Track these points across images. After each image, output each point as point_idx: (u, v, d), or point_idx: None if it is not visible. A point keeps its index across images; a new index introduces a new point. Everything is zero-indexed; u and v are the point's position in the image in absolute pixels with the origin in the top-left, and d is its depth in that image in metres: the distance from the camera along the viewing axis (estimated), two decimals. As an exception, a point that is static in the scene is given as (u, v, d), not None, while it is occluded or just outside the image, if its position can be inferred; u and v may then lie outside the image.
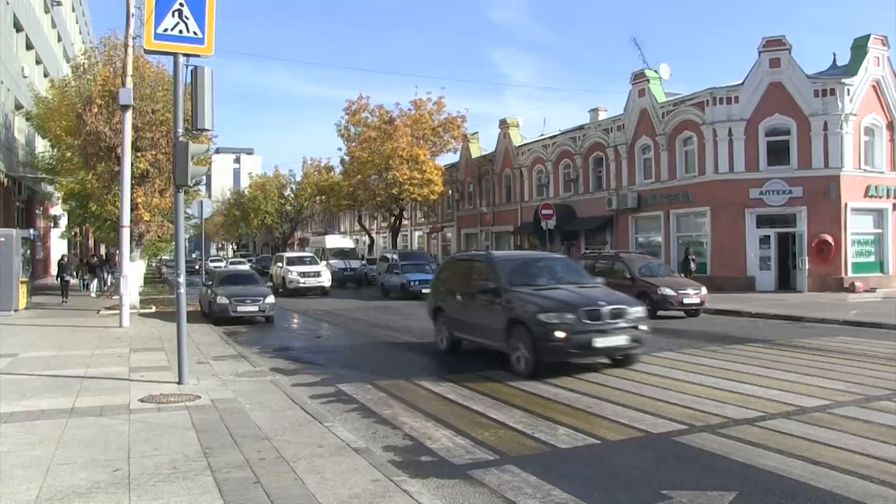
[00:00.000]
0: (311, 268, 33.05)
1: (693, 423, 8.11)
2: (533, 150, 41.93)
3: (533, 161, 41.81)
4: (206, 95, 10.31)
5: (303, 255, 35.52)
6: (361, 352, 15.42)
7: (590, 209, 36.29)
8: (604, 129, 36.20)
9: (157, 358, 13.14)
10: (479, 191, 47.93)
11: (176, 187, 10.71)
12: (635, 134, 33.95)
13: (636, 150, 33.96)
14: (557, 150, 39.57)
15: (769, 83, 28.99)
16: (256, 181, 77.22)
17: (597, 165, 36.95)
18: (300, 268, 32.78)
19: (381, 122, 44.57)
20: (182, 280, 10.64)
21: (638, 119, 33.69)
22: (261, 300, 20.56)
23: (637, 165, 33.95)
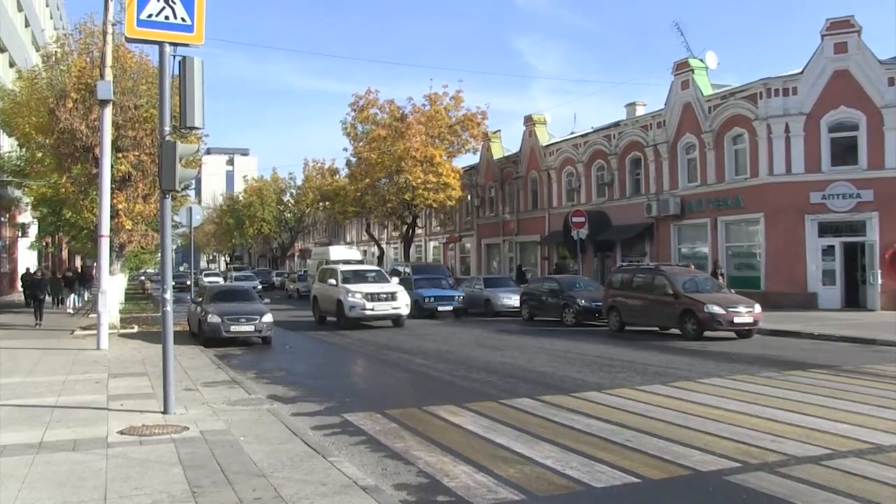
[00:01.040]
0: (381, 287, 25.98)
1: (747, 460, 7.98)
2: (562, 150, 41.86)
3: (562, 162, 41.74)
4: (196, 89, 10.35)
5: (363, 269, 28.69)
6: (369, 377, 15.38)
7: (626, 216, 36.13)
8: (642, 127, 36.08)
9: (140, 384, 13.15)
10: (501, 196, 47.90)
11: (162, 192, 10.74)
12: (678, 131, 33.79)
13: (679, 150, 33.79)
14: (590, 150, 39.48)
15: (834, 71, 28.72)
16: (252, 185, 77.79)
17: (634, 167, 36.81)
18: (365, 287, 25.71)
19: (392, 120, 44.69)
20: (168, 296, 10.65)
21: (681, 114, 33.55)
22: (257, 319, 20.59)
23: (680, 167, 33.78)
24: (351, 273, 27.07)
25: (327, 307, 26.71)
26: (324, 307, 27.13)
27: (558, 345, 19.61)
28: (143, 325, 24.68)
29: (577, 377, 13.88)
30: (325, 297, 27.02)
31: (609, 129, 38.75)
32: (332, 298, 26.04)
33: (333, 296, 25.99)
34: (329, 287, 26.69)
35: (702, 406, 10.80)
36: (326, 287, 26.95)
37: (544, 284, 28.78)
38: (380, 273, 28.49)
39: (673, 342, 19.80)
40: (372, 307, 24.97)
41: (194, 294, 27.13)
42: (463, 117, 44.58)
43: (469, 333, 23.38)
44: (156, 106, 20.75)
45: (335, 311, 25.80)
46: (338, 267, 27.85)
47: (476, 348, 19.16)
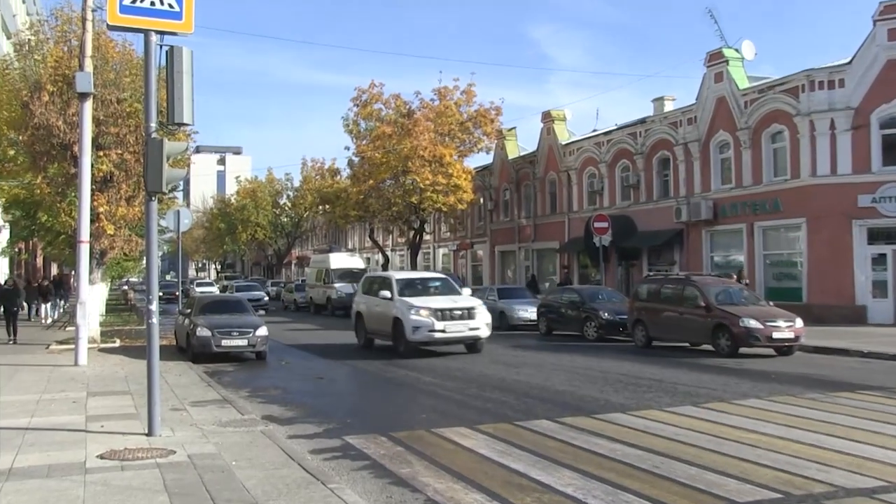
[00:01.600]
0: (453, 301, 21.68)
1: (790, 490, 7.90)
2: (583, 149, 41.85)
3: (583, 163, 41.72)
4: (185, 82, 10.38)
5: (425, 278, 24.95)
6: (373, 396, 15.36)
7: (654, 221, 36.06)
8: (671, 123, 36.03)
9: (122, 404, 13.16)
10: (517, 199, 47.92)
11: (147, 194, 10.75)
12: (710, 128, 33.73)
13: (711, 149, 33.72)
14: (614, 148, 39.45)
15: (887, 60, 28.53)
16: (245, 187, 78.04)
17: (662, 167, 36.75)
18: (432, 301, 21.57)
19: (398, 116, 44.77)
20: (154, 307, 10.67)
21: (714, 110, 33.49)
22: (250, 332, 20.62)
23: (713, 167, 33.70)
24: (409, 282, 23.13)
25: (378, 327, 22.97)
26: (373, 327, 23.46)
27: (579, 361, 19.55)
28: (126, 339, 24.73)
29: (600, 397, 13.82)
30: (374, 314, 23.12)
31: (635, 127, 38.70)
32: (386, 316, 22.00)
33: (388, 313, 21.92)
34: (381, 302, 22.45)
35: (737, 430, 10.72)
36: (376, 301, 22.79)
37: (564, 296, 28.69)
38: (446, 282, 23.97)
39: (705, 359, 19.70)
40: (443, 328, 20.72)
41: (182, 305, 27.15)
42: (475, 113, 44.62)
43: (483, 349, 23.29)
44: (140, 100, 20.90)
45: (390, 332, 21.84)
46: (392, 275, 23.99)
47: (489, 365, 19.12)
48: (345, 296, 41.16)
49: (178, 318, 24.30)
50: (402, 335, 21.14)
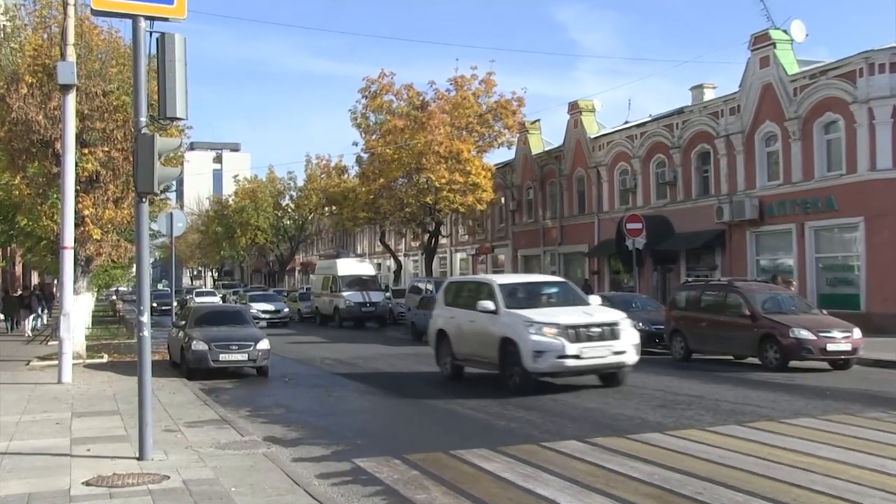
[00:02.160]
0: (586, 315, 17.19)
1: (848, 518, 7.82)
2: (614, 142, 41.74)
3: (614, 158, 41.61)
4: (178, 72, 10.40)
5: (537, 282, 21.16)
6: (386, 415, 15.35)
7: (692, 222, 35.90)
8: (711, 114, 35.88)
9: (110, 425, 13.20)
10: (541, 198, 47.85)
11: (137, 195, 10.79)
12: (755, 119, 33.56)
13: (757, 141, 33.55)
14: (648, 142, 39.33)
15: (959, 38, 28.18)
16: (244, 187, 78.25)
17: (702, 162, 36.59)
18: (556, 314, 17.05)
19: (411, 108, 44.83)
20: (146, 319, 10.69)
21: (759, 98, 33.32)
22: (251, 346, 20.65)
23: (758, 162, 33.52)
24: (517, 289, 18.87)
25: (474, 351, 18.44)
26: (465, 350, 18.84)
27: (612, 377, 19.47)
28: (115, 354, 24.82)
29: (634, 415, 13.78)
30: (468, 333, 18.59)
31: (671, 118, 38.57)
32: (489, 336, 17.48)
33: (491, 332, 17.42)
34: (478, 316, 17.96)
35: (789, 452, 10.62)
36: (471, 316, 18.31)
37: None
38: (566, 288, 19.60)
39: (751, 373, 19.60)
40: (577, 352, 16.27)
41: (176, 317, 27.23)
42: (495, 104, 44.64)
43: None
44: (129, 92, 20.97)
45: (495, 358, 17.38)
46: (493, 280, 19.06)
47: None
48: (353, 305, 41.22)
49: (172, 330, 24.40)
50: (515, 362, 16.60)
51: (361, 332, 38.12)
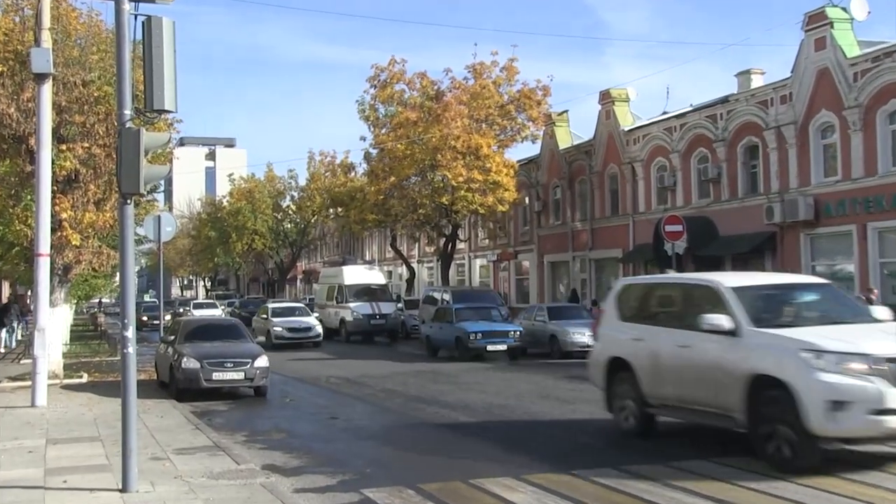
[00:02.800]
0: None
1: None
2: (651, 135, 41.55)
3: (651, 152, 41.42)
4: (166, 60, 10.41)
5: (789, 284, 15.40)
6: (398, 440, 15.30)
7: (739, 223, 35.67)
8: (760, 103, 35.66)
9: (90, 453, 13.20)
10: (570, 198, 47.66)
11: (121, 196, 10.80)
12: (810, 107, 33.32)
13: (811, 133, 33.31)
14: (689, 135, 39.12)
15: None
16: (240, 187, 78.50)
17: (749, 157, 36.35)
18: (854, 335, 12.02)
19: (425, 98, 44.78)
20: (131, 334, 10.68)
21: (814, 85, 33.09)
22: (248, 363, 20.64)
23: (813, 156, 33.29)
24: (763, 295, 13.80)
25: (689, 393, 13.43)
26: (666, 392, 13.90)
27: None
28: (95, 374, 24.86)
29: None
30: (677, 365, 13.63)
31: (715, 107, 38.35)
32: (723, 373, 12.51)
33: (730, 365, 12.41)
34: (698, 339, 13.11)
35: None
36: (682, 338, 13.52)
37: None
38: (833, 294, 14.74)
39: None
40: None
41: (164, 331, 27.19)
42: (518, 94, 44.53)
43: (529, 381, 23.33)
44: (111, 82, 20.99)
45: (738, 405, 12.20)
46: (719, 281, 13.72)
47: (538, 401, 19.10)
48: (362, 318, 41.21)
49: (159, 346, 24.40)
50: (784, 419, 11.44)
51: (370, 347, 38.11)
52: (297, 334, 38.95)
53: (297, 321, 39.93)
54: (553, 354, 30.59)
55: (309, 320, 40.38)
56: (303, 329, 39.25)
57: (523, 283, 52.89)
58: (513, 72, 44.62)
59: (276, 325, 39.04)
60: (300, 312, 42.08)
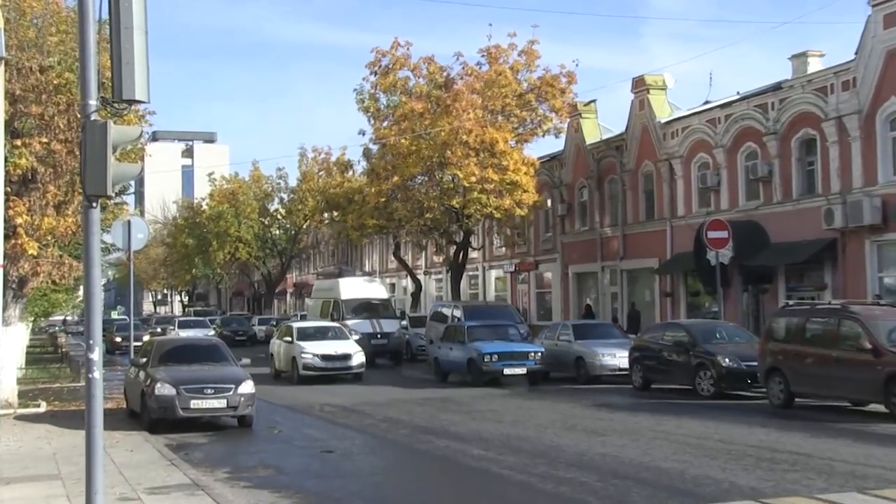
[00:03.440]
0: None
1: None
2: (692, 128, 41.46)
3: (692, 148, 41.33)
4: (137, 43, 10.42)
5: None
6: (401, 477, 15.32)
7: (793, 229, 35.55)
8: (818, 90, 35.55)
9: (49, 493, 13.19)
10: (598, 200, 47.57)
11: (86, 198, 10.79)
12: (877, 94, 33.22)
13: (879, 124, 33.20)
14: (735, 127, 39.00)
15: None
16: (222, 188, 78.68)
17: (806, 152, 36.25)
18: None
19: (432, 87, 44.79)
20: (97, 356, 10.66)
21: (883, 68, 32.99)
22: (230, 389, 20.60)
23: (881, 150, 33.16)
24: None
25: None
26: None
27: (690, 427, 19.43)
28: (55, 402, 24.86)
29: (722, 478, 13.70)
30: None
31: (765, 96, 38.27)
32: None
33: None
34: None
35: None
36: None
37: (666, 334, 28.50)
38: None
39: (874, 425, 19.43)
40: None
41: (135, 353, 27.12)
42: (539, 82, 44.51)
43: (552, 410, 23.34)
44: (74, 68, 20.99)
45: None
46: None
47: (563, 433, 19.06)
48: (361, 337, 41.16)
49: (129, 370, 24.30)
50: None
51: (371, 370, 38.04)
52: (333, 364, 33.56)
53: (332, 346, 34.33)
54: (580, 379, 30.53)
55: (348, 345, 34.89)
56: (340, 357, 33.78)
57: (545, 298, 52.86)
58: (533, 56, 44.60)
59: (306, 352, 33.41)
60: (335, 334, 36.59)
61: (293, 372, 33.68)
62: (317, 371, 32.91)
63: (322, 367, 33.05)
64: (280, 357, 35.67)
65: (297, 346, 34.09)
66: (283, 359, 35.23)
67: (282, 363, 35.29)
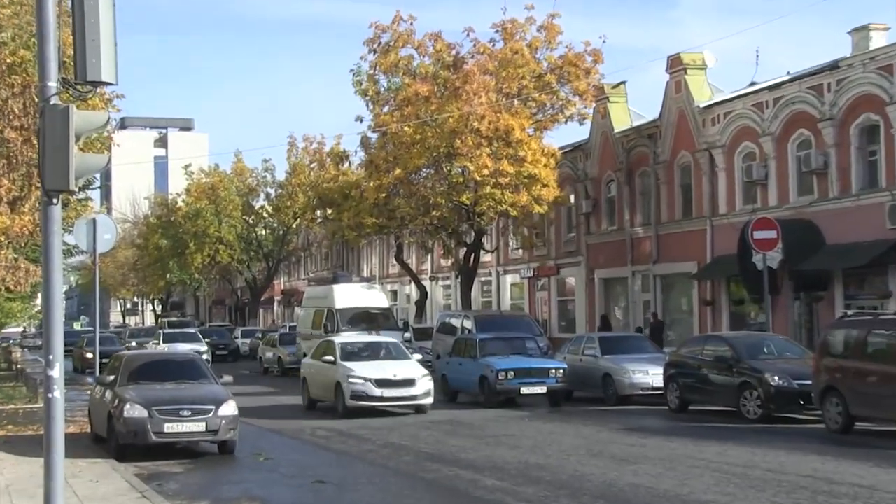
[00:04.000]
0: None
1: None
2: (735, 113, 41.39)
3: (735, 136, 41.25)
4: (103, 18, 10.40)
5: None
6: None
7: (853, 228, 35.47)
8: (882, 69, 35.47)
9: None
10: (627, 196, 47.51)
11: (45, 194, 10.79)
12: (948, 75, 33.27)
13: (950, 108, 33.25)
14: (785, 112, 38.92)
15: None
16: (200, 182, 78.74)
17: (868, 140, 36.14)
18: None
19: (440, 67, 44.82)
20: (57, 373, 10.64)
21: (955, 45, 33.03)
22: (210, 411, 20.54)
23: (952, 138, 33.25)
24: None
25: None
26: None
27: (734, 455, 19.43)
28: (9, 426, 24.88)
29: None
30: None
31: (820, 76, 38.16)
32: None
33: None
34: None
35: None
36: None
37: (707, 348, 28.44)
38: None
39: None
40: None
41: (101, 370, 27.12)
42: (561, 61, 44.52)
43: (576, 434, 23.36)
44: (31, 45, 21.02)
45: None
46: None
47: (589, 460, 19.06)
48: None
49: (95, 389, 24.23)
50: None
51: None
52: (391, 392, 28.97)
53: (389, 368, 29.56)
54: (607, 399, 30.50)
55: (409, 367, 30.09)
56: (401, 383, 29.06)
57: (568, 307, 52.89)
58: (554, 32, 44.62)
59: (355, 377, 28.81)
60: (391, 352, 31.95)
61: (337, 402, 29.29)
62: (370, 401, 28.65)
63: (377, 397, 28.71)
64: (316, 382, 31.57)
65: (341, 368, 29.55)
66: (322, 385, 30.95)
67: (319, 390, 31.19)
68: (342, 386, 28.74)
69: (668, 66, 44.88)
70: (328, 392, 30.17)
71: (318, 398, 31.11)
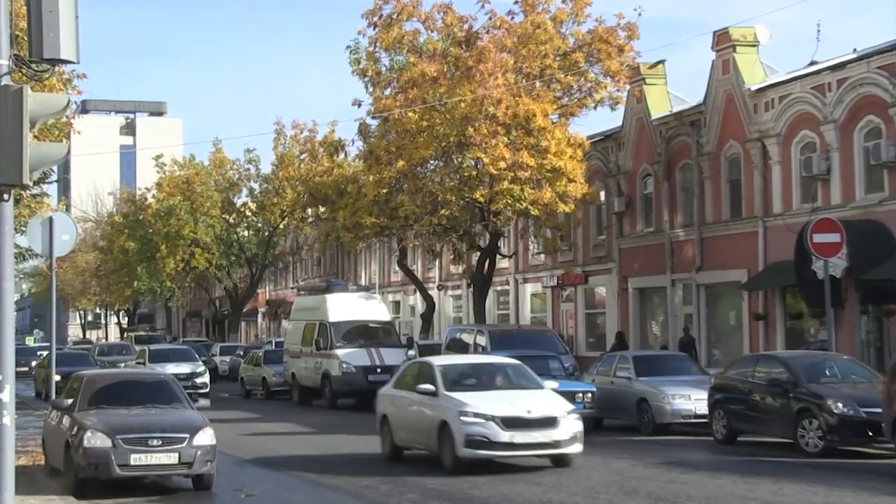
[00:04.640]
0: None
1: None
2: (792, 98, 41.37)
3: (793, 124, 41.24)
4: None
5: None
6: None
7: (929, 231, 35.55)
8: (962, 47, 35.59)
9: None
10: (666, 193, 47.47)
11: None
12: None
13: None
14: (851, 96, 38.91)
15: None
16: (173, 175, 78.80)
17: (946, 130, 36.22)
18: None
19: (450, 44, 44.88)
20: (7, 396, 10.66)
21: None
22: (183, 440, 20.49)
23: None
24: None
25: None
26: None
27: (790, 494, 19.39)
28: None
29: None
30: None
31: (892, 54, 38.17)
32: None
33: None
34: None
35: None
36: None
37: (758, 370, 28.42)
38: None
39: None
40: None
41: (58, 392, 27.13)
42: (590, 36, 44.58)
43: (606, 468, 23.42)
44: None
45: None
46: None
47: (622, 499, 19.07)
48: (354, 371, 41.16)
49: (50, 415, 24.27)
50: None
51: (368, 414, 38.01)
52: (524, 436, 23.29)
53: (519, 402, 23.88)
54: (643, 428, 30.50)
55: (545, 400, 24.56)
56: (538, 422, 23.34)
57: (597, 321, 52.95)
58: (582, 3, 44.59)
59: (471, 414, 23.19)
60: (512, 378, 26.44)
61: (444, 449, 23.72)
62: (494, 449, 23.11)
63: (505, 444, 23.00)
64: (408, 421, 25.92)
65: (448, 401, 24.13)
66: (416, 424, 25.48)
67: (411, 432, 25.73)
68: (450, 427, 23.25)
69: (715, 42, 44.88)
70: (429, 435, 24.51)
71: (412, 443, 25.87)
